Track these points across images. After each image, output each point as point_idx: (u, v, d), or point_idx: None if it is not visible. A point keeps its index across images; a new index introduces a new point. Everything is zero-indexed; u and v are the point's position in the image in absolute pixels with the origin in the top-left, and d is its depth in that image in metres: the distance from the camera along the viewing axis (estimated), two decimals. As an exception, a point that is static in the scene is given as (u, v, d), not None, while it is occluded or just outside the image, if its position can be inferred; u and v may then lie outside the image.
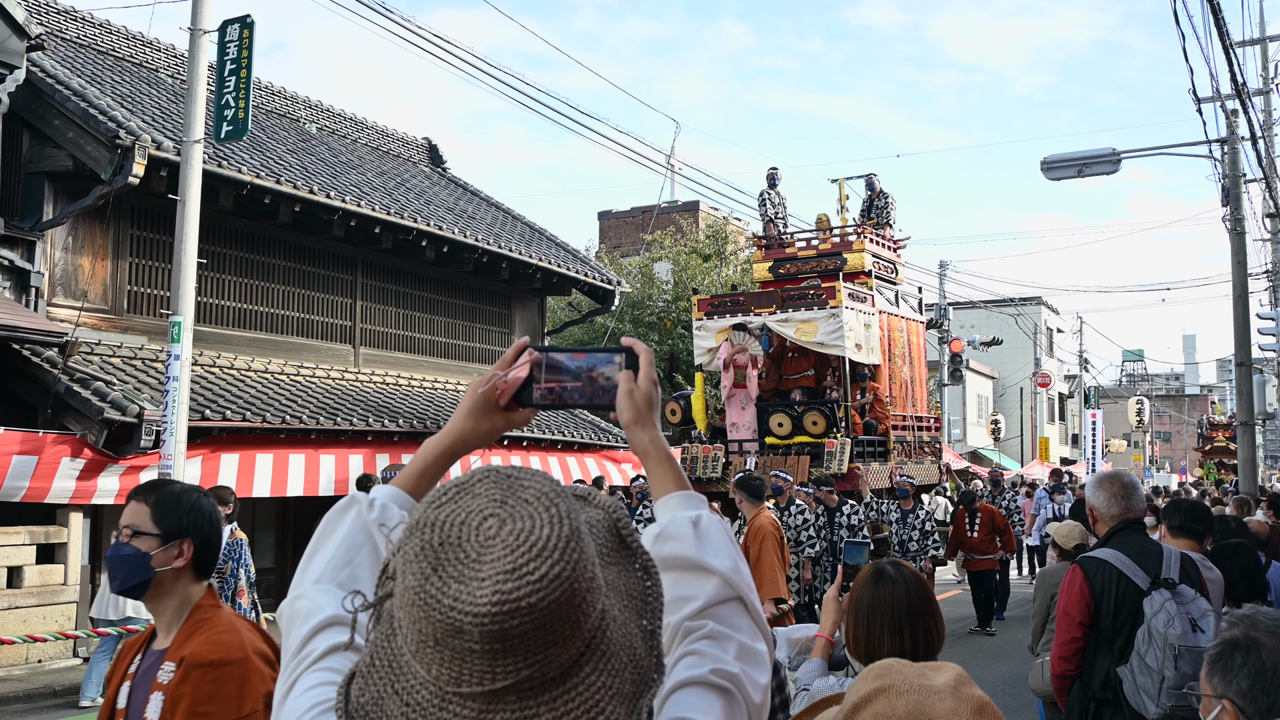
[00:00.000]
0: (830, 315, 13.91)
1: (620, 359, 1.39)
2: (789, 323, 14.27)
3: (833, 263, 15.30)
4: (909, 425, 15.76)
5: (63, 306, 12.58)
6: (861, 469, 13.40)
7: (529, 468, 1.06)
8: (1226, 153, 15.59)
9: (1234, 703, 1.81)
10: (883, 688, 1.36)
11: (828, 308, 13.96)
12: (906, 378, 16.19)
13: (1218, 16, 11.18)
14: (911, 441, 15.62)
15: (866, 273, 15.41)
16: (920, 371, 17.00)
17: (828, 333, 13.90)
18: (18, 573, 10.90)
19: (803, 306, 14.20)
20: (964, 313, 37.39)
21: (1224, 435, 36.12)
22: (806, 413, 13.78)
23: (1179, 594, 3.71)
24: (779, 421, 13.77)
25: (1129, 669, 3.74)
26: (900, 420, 15.42)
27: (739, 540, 7.41)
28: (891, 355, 15.56)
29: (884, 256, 16.23)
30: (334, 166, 17.17)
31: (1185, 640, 3.56)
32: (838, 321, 13.82)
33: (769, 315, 14.43)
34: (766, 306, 14.52)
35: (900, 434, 15.22)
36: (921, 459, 15.88)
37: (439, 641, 0.96)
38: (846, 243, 15.75)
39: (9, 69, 11.98)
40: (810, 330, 14.02)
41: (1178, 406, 74.96)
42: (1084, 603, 3.91)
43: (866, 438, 14.18)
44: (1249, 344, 15.78)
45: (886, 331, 15.38)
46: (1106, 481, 4.23)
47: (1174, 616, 3.61)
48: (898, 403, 15.55)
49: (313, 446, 13.41)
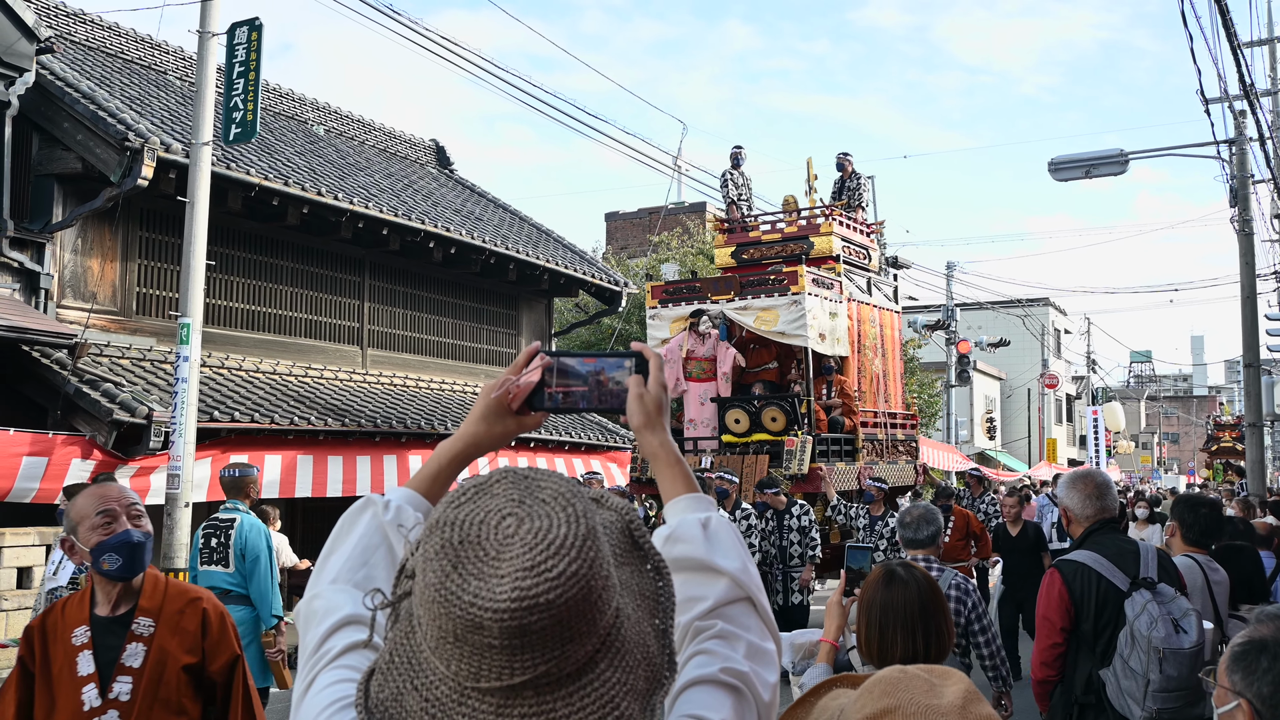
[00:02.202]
0: (792, 302, 12.78)
1: (630, 364, 1.42)
2: (748, 311, 13.11)
3: (799, 247, 14.20)
4: (881, 422, 14.57)
5: (72, 308, 12.63)
6: (824, 469, 12.23)
7: (545, 469, 1.09)
8: (1234, 153, 15.56)
9: (1252, 704, 1.79)
10: (890, 708, 1.33)
11: (789, 294, 12.82)
12: (879, 371, 14.99)
13: (1225, 17, 11.16)
14: (884, 440, 14.49)
15: (835, 257, 14.24)
16: (895, 364, 15.76)
17: (789, 321, 12.80)
18: (28, 573, 10.94)
19: (763, 293, 13.04)
20: (971, 314, 37.34)
21: (1231, 435, 35.93)
22: (765, 408, 12.63)
23: (1159, 594, 3.68)
24: (736, 418, 12.66)
25: (1112, 672, 3.69)
26: (871, 417, 14.25)
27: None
28: (862, 346, 14.42)
29: (855, 241, 15.07)
30: (341, 168, 17.21)
31: (1169, 643, 3.53)
32: (800, 309, 12.72)
33: (727, 303, 13.28)
34: (725, 293, 13.34)
35: (870, 431, 14.06)
36: (895, 459, 14.73)
37: (458, 637, 0.98)
38: (814, 225, 14.55)
39: (18, 72, 12.03)
40: (770, 319, 12.93)
41: (1186, 408, 74.77)
42: (1063, 607, 3.86)
43: (831, 435, 13.07)
44: (1257, 345, 15.74)
45: (856, 321, 14.25)
46: (1080, 482, 4.16)
47: (1156, 619, 3.57)
48: (868, 398, 14.42)
49: (321, 448, 13.45)
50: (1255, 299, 15.52)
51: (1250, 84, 13.48)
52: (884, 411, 14.80)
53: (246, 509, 6.57)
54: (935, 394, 31.05)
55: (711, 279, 13.98)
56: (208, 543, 6.45)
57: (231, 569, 6.32)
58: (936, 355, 31.88)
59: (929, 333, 29.13)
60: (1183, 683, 3.51)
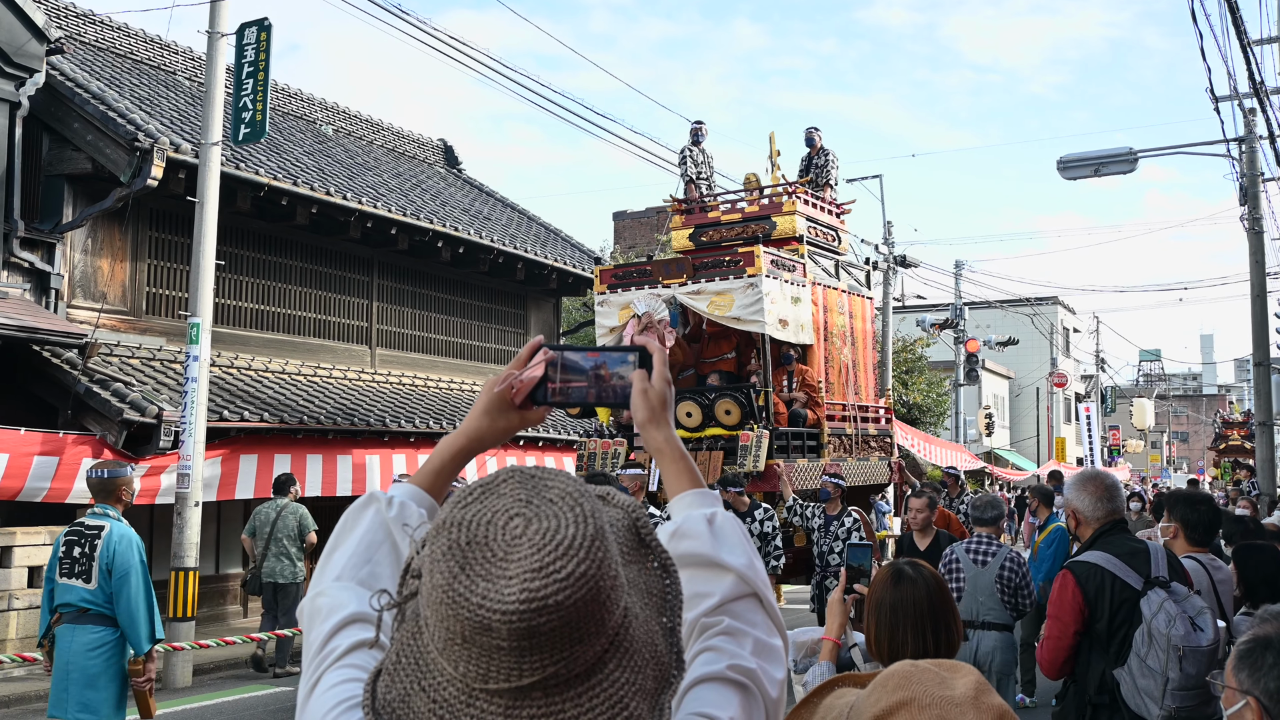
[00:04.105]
0: (748, 285, 11.75)
1: (634, 358, 1.41)
2: (701, 295, 12.05)
3: (761, 228, 13.10)
4: (850, 415, 13.46)
5: (82, 308, 12.67)
6: (782, 466, 11.22)
7: (552, 468, 1.08)
8: (1244, 151, 15.52)
9: (1260, 701, 1.80)
10: (905, 700, 1.34)
11: (745, 277, 11.78)
12: (848, 360, 13.82)
13: (1235, 15, 11.12)
14: (853, 435, 13.36)
15: (799, 238, 13.13)
16: (866, 354, 14.62)
17: (745, 306, 11.77)
18: (38, 573, 10.98)
19: (717, 276, 11.99)
20: (980, 313, 37.25)
21: (1239, 434, 35.77)
22: (719, 400, 11.61)
23: (1174, 592, 3.67)
24: (687, 411, 11.61)
25: (1127, 671, 3.67)
26: (839, 410, 13.17)
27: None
28: (829, 334, 13.32)
29: (822, 221, 13.83)
30: (350, 168, 17.24)
31: (1188, 641, 3.51)
32: (757, 293, 11.68)
33: (679, 287, 12.16)
34: (677, 277, 12.20)
35: (838, 426, 12.96)
36: (866, 455, 13.59)
37: (466, 639, 0.98)
38: (776, 205, 13.36)
39: (29, 72, 12.07)
40: (725, 303, 11.90)
41: (1195, 406, 74.55)
42: (1076, 608, 3.84)
43: (793, 430, 11.99)
44: (1267, 343, 15.69)
45: (822, 307, 13.17)
46: (1090, 483, 4.11)
47: (1174, 617, 3.56)
48: (836, 389, 13.30)
49: (330, 447, 13.48)
50: (1265, 297, 15.47)
51: (1260, 82, 13.42)
52: (853, 404, 13.72)
53: (118, 515, 5.63)
54: (944, 393, 31.00)
55: (662, 261, 12.87)
56: (69, 552, 5.53)
57: (94, 584, 5.44)
58: (945, 354, 31.82)
59: (937, 331, 29.08)
60: (1200, 680, 3.50)
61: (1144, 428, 42.22)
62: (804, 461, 11.88)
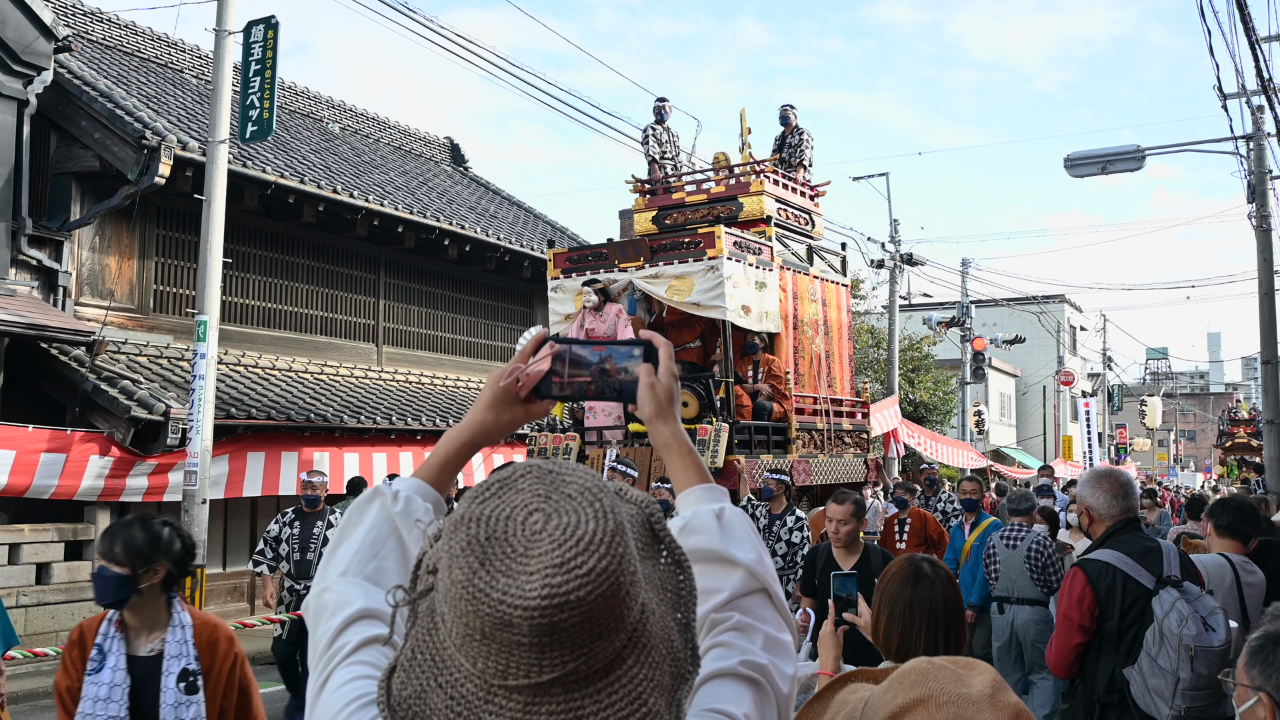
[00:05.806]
0: (709, 269, 11.07)
1: (640, 352, 1.40)
2: (660, 279, 11.34)
3: (727, 209, 12.38)
4: (822, 409, 12.67)
5: (90, 306, 12.70)
6: (743, 462, 10.58)
7: (570, 463, 1.07)
8: (1252, 149, 15.45)
9: (1272, 696, 1.80)
10: (921, 698, 1.33)
11: (706, 259, 11.09)
12: (820, 351, 13.05)
13: (1244, 11, 11.09)
14: (825, 430, 12.59)
15: (766, 220, 12.41)
16: (841, 345, 13.77)
17: (705, 290, 11.08)
18: (46, 569, 11.02)
19: (676, 258, 11.27)
20: (986, 311, 37.18)
21: (1245, 431, 35.63)
22: None
23: (1186, 592, 3.64)
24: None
25: (1137, 670, 3.65)
26: (809, 403, 12.44)
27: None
28: (799, 323, 12.58)
29: (793, 203, 13.10)
30: (357, 166, 17.27)
31: (1200, 641, 3.49)
32: (717, 276, 11.02)
33: (637, 270, 11.43)
34: (634, 260, 11.47)
35: (808, 420, 12.23)
36: (840, 452, 12.88)
37: (486, 635, 0.97)
38: (744, 185, 12.63)
39: (37, 70, 12.10)
40: (684, 288, 11.22)
41: (1202, 405, 74.36)
42: (1087, 606, 3.82)
43: (757, 423, 11.35)
44: (1275, 341, 15.62)
45: (791, 294, 12.46)
46: (1105, 481, 4.06)
47: (1186, 617, 3.53)
48: (807, 381, 12.59)
49: (337, 445, 13.50)
50: (1273, 295, 15.41)
51: (1268, 79, 13.39)
52: (826, 398, 12.94)
53: None
54: (950, 391, 30.95)
55: (619, 243, 12.12)
56: None
57: None
58: (952, 352, 31.76)
59: (944, 329, 29.02)
60: (1211, 680, 3.49)
61: (1153, 426, 42.07)
62: (768, 457, 11.17)
